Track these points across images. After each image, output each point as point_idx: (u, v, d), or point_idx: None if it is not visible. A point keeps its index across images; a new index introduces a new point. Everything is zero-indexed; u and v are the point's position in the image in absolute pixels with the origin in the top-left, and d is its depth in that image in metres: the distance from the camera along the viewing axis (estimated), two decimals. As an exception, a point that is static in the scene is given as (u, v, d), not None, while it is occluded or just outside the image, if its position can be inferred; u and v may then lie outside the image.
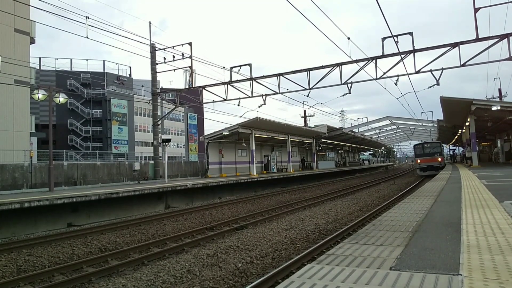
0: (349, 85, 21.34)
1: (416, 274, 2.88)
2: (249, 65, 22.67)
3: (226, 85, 23.82)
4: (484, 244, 3.78)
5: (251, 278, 7.59)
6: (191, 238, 11.64)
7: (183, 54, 25.40)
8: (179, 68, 27.13)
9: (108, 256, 9.64)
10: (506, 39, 17.64)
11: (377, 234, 4.48)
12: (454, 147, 71.51)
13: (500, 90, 42.40)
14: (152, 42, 28.04)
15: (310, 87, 21.72)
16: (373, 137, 68.29)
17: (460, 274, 2.82)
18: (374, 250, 3.70)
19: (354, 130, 55.68)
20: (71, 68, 64.84)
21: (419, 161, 36.89)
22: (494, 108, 22.52)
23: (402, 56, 19.54)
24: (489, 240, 3.95)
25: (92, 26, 18.54)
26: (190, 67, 25.24)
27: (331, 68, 21.23)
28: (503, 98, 41.10)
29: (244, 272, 7.87)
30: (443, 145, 57.26)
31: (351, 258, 3.46)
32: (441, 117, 36.30)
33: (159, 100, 31.96)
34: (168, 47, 26.33)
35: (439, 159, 35.71)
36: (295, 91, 22.93)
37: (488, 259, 3.22)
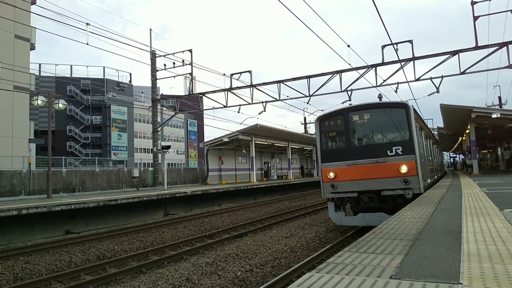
0: (349, 92, 21.35)
1: (416, 283, 2.84)
2: (249, 72, 22.73)
3: (226, 92, 23.86)
4: (484, 252, 3.74)
5: (250, 286, 7.54)
6: (190, 246, 11.58)
7: (183, 61, 25.48)
8: (179, 75, 27.20)
9: (106, 264, 9.58)
10: (505, 47, 17.71)
11: (377, 242, 4.44)
12: (455, 155, 71.47)
13: (500, 98, 42.45)
14: (152, 49, 28.13)
15: (310, 94, 21.75)
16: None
17: (461, 283, 2.78)
18: (374, 259, 3.67)
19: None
20: (71, 74, 64.99)
21: (332, 175, 11.74)
22: (494, 116, 22.51)
23: (402, 63, 19.60)
24: (490, 248, 3.91)
25: (92, 32, 18.61)
26: (191, 73, 25.31)
27: (331, 75, 21.27)
28: (503, 105, 41.14)
29: (243, 280, 7.81)
30: (444, 152, 54.89)
31: (351, 267, 3.42)
32: (441, 125, 36.20)
33: (159, 107, 32.00)
34: (169, 54, 26.43)
35: (404, 167, 10.76)
36: (295, 98, 22.96)
37: (489, 267, 3.18)
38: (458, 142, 46.05)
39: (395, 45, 18.77)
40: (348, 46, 19.37)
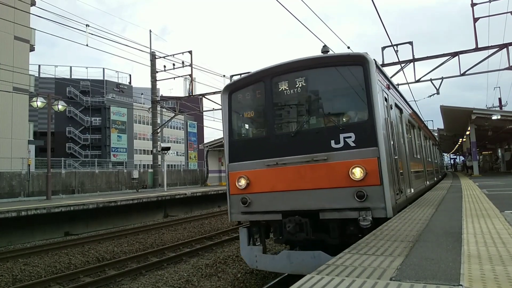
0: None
1: (417, 285, 2.82)
2: (249, 73, 22.71)
3: (225, 94, 23.83)
4: (485, 254, 3.72)
5: (249, 288, 7.52)
6: (190, 248, 11.56)
7: (183, 62, 25.50)
8: (179, 76, 27.19)
9: (105, 266, 9.56)
10: (505, 48, 17.73)
11: (377, 244, 4.42)
12: (455, 156, 71.42)
13: (500, 99, 42.52)
14: (152, 50, 28.18)
15: (310, 95, 21.70)
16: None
17: (461, 285, 2.77)
18: (374, 260, 3.65)
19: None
20: (71, 76, 64.93)
21: (243, 183, 7.26)
22: (494, 117, 22.53)
23: (402, 65, 19.61)
24: (490, 250, 3.89)
25: (92, 34, 18.61)
26: (190, 75, 25.32)
27: (330, 76, 21.26)
28: (503, 107, 41.19)
29: (243, 282, 7.79)
30: (444, 154, 54.45)
31: (351, 269, 3.40)
32: (442, 126, 36.23)
33: (158, 108, 32.01)
34: (168, 55, 26.46)
35: (358, 170, 6.27)
36: (295, 99, 22.92)
37: (489, 269, 3.16)
38: (459, 143, 46.05)
39: (395, 47, 18.79)
40: (348, 47, 19.34)
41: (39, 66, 64.19)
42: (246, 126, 8.41)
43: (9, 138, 28.11)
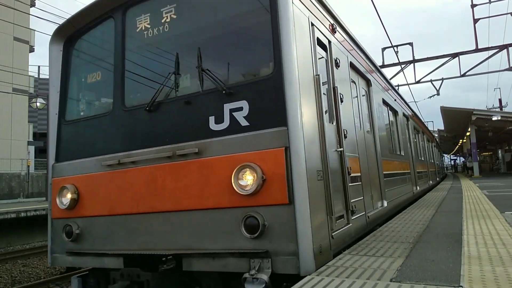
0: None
1: (417, 286, 2.81)
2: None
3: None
4: (485, 255, 3.71)
5: None
6: (189, 248, 11.52)
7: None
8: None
9: (104, 267, 9.53)
10: (505, 49, 17.76)
11: (378, 245, 4.40)
12: (455, 157, 71.48)
13: (500, 100, 42.62)
14: (152, 52, 28.17)
15: (310, 96, 21.66)
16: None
17: (461, 286, 2.75)
18: (375, 261, 3.63)
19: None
20: (71, 77, 64.75)
21: (68, 198, 4.36)
22: (494, 118, 22.56)
23: (402, 66, 19.64)
24: (490, 251, 3.88)
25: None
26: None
27: (330, 77, 21.27)
28: (503, 108, 41.25)
29: (242, 283, 7.75)
30: (444, 155, 54.37)
31: (351, 270, 3.39)
32: (442, 127, 36.27)
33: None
34: (168, 57, 26.45)
35: (248, 174, 3.34)
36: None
37: (489, 270, 3.15)
38: (459, 144, 46.07)
39: (395, 48, 18.81)
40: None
41: (39, 67, 64.05)
42: (89, 97, 5.23)
43: (8, 139, 28.09)
